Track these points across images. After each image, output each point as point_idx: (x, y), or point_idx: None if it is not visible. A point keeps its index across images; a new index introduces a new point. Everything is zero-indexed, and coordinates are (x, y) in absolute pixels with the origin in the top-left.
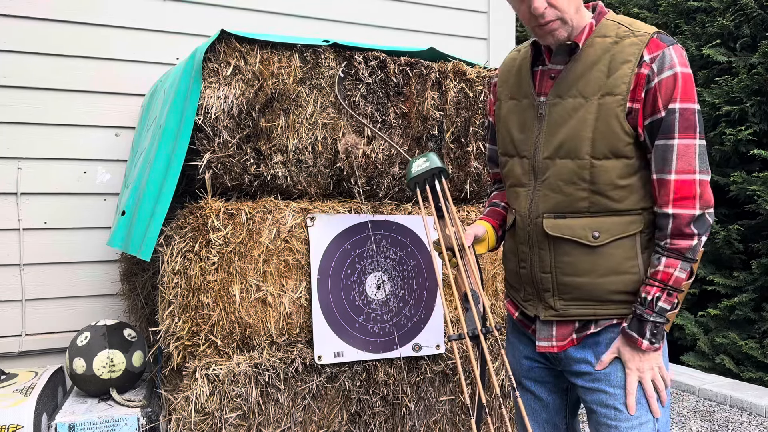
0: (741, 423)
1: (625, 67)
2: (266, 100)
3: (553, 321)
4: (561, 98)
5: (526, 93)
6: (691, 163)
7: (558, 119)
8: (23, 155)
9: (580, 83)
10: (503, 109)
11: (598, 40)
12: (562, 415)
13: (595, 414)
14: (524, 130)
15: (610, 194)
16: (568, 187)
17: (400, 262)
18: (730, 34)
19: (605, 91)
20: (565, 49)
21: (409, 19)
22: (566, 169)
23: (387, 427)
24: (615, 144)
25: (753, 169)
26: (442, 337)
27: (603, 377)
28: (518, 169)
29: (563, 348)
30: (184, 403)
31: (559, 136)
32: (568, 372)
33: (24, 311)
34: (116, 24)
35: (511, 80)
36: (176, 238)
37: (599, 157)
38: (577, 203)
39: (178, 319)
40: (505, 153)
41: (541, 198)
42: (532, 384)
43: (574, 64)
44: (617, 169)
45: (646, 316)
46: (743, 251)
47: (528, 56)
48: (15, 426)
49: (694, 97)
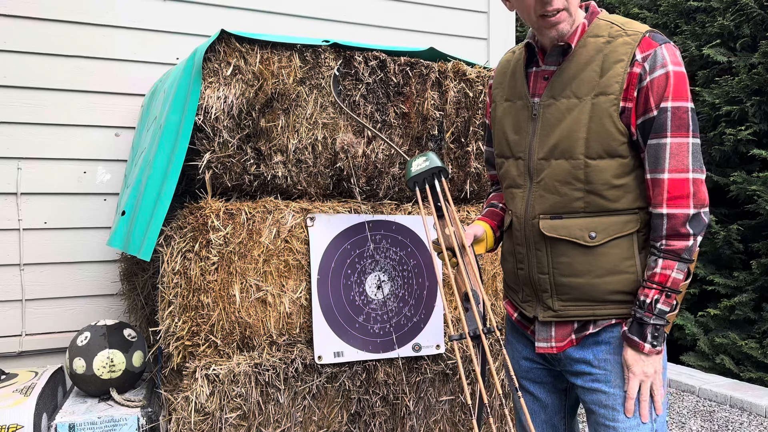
0: (741, 423)
1: (617, 66)
2: (266, 100)
3: (551, 322)
4: (555, 99)
5: (521, 94)
6: (684, 161)
7: (552, 120)
8: (23, 155)
9: (573, 84)
10: (498, 111)
11: (591, 40)
12: (560, 416)
13: (593, 414)
14: (519, 131)
15: (606, 194)
16: (563, 188)
17: (400, 262)
18: (730, 34)
19: (598, 90)
20: (558, 50)
21: (409, 19)
22: (561, 169)
23: (387, 427)
24: (609, 143)
25: (753, 169)
26: (442, 337)
27: (602, 378)
28: (514, 170)
29: (562, 349)
30: (184, 403)
31: (554, 137)
32: (567, 372)
33: (24, 311)
34: (116, 24)
35: (506, 82)
36: (176, 238)
37: (594, 157)
38: (573, 203)
39: (178, 319)
40: (501, 154)
41: (537, 199)
42: (530, 385)
43: (567, 64)
44: (612, 168)
45: (646, 319)
46: (743, 251)
47: (522, 58)
48: (15, 426)
49: (687, 95)
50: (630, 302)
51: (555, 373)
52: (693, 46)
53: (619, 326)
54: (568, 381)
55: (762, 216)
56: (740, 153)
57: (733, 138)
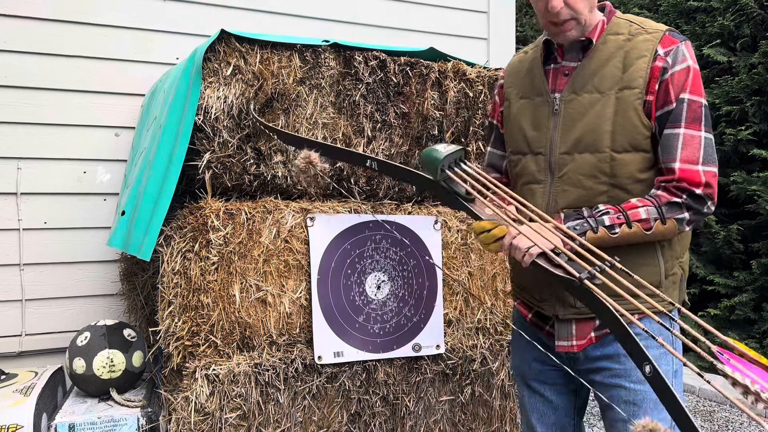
0: (741, 423)
1: (640, 61)
2: (266, 100)
3: (572, 319)
4: (576, 94)
5: (540, 90)
6: (695, 153)
7: (574, 114)
8: (23, 155)
9: (595, 79)
10: (513, 109)
11: (611, 38)
12: (570, 417)
13: (612, 410)
14: (538, 127)
15: (630, 188)
16: (588, 181)
17: (400, 262)
18: (730, 34)
19: (622, 85)
20: (578, 46)
21: (409, 19)
22: (586, 163)
23: (387, 427)
24: (634, 137)
25: (753, 169)
26: (442, 337)
27: (623, 374)
28: (533, 165)
29: (582, 347)
30: (184, 403)
31: (577, 131)
32: (585, 370)
33: (24, 311)
34: (116, 24)
35: (521, 80)
36: (176, 238)
37: (619, 151)
38: (597, 197)
39: (178, 319)
40: (518, 151)
41: (560, 193)
42: (541, 386)
43: (588, 60)
44: (637, 162)
45: (586, 214)
46: (743, 251)
47: (539, 55)
48: (15, 426)
49: (702, 92)
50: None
51: (566, 374)
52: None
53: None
54: (578, 381)
55: (762, 216)
56: (740, 153)
57: (733, 138)
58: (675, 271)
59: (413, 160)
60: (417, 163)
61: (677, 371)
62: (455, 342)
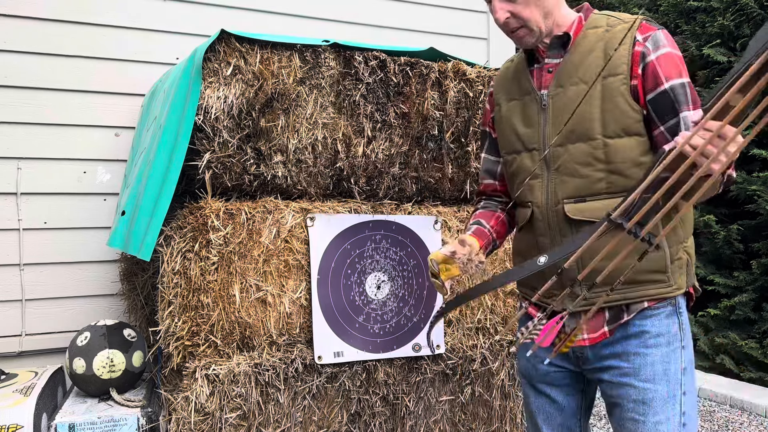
0: (741, 423)
1: (621, 49)
2: (266, 100)
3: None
4: (562, 87)
5: (527, 90)
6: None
7: (562, 106)
8: (23, 155)
9: (579, 71)
10: (503, 111)
11: (591, 32)
12: (576, 418)
13: (619, 408)
14: (530, 124)
15: (628, 173)
16: (584, 169)
17: (400, 262)
18: (730, 34)
19: (606, 73)
20: (557, 42)
21: (409, 19)
22: (580, 151)
23: (387, 427)
24: (624, 121)
25: (753, 169)
26: (442, 337)
27: (632, 372)
28: (528, 162)
29: (595, 341)
30: (184, 403)
31: (567, 123)
32: (593, 369)
33: (24, 311)
34: (116, 24)
35: (508, 85)
36: (176, 238)
37: (611, 136)
38: (595, 185)
39: (178, 319)
40: (512, 150)
41: (558, 185)
42: (547, 387)
43: (570, 55)
44: (632, 147)
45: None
46: (743, 251)
47: (522, 59)
48: (15, 426)
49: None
50: (661, 282)
51: (573, 374)
52: (693, 46)
53: (649, 312)
54: (585, 381)
55: (762, 216)
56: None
57: None
58: (680, 255)
59: (413, 160)
60: (416, 163)
61: (686, 369)
62: (455, 342)
